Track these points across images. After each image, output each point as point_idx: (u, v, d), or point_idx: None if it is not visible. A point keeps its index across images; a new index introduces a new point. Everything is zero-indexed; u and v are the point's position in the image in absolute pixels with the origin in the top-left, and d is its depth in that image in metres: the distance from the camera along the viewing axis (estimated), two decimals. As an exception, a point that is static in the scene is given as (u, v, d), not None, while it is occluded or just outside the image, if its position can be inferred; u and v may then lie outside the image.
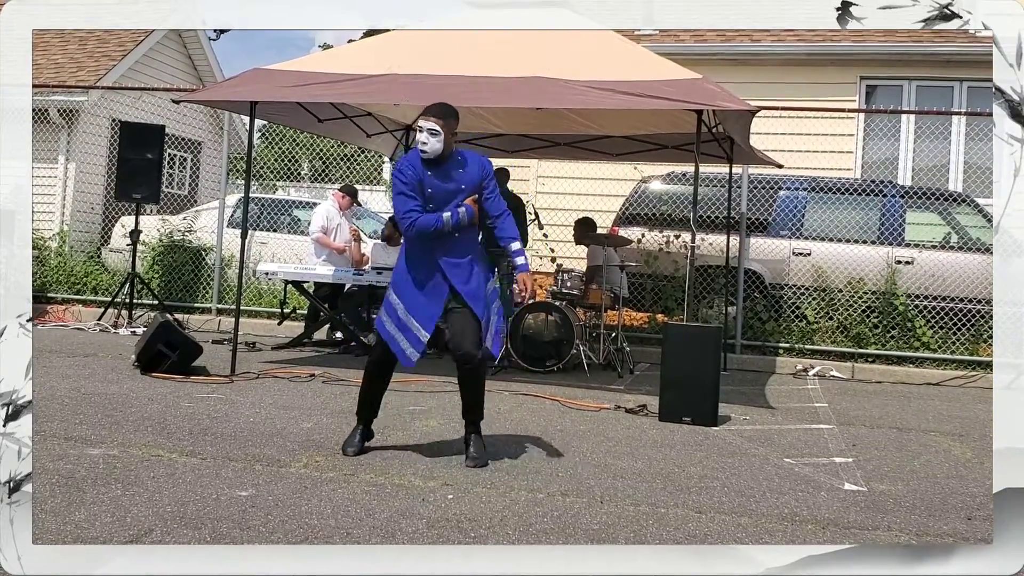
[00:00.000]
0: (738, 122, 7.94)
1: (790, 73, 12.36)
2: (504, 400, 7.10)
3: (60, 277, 12.31)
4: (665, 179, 10.99)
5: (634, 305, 10.72)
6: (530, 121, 10.09)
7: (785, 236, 10.40)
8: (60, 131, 14.04)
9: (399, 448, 5.25)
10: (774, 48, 12.54)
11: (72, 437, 5.04)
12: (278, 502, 4.05)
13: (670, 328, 7.16)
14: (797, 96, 11.50)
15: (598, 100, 7.32)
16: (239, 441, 5.19)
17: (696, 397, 6.53)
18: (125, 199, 11.24)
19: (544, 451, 5.36)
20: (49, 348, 8.74)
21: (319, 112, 9.33)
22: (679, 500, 4.46)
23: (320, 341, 10.21)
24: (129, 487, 4.13)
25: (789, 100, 11.08)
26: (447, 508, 4.10)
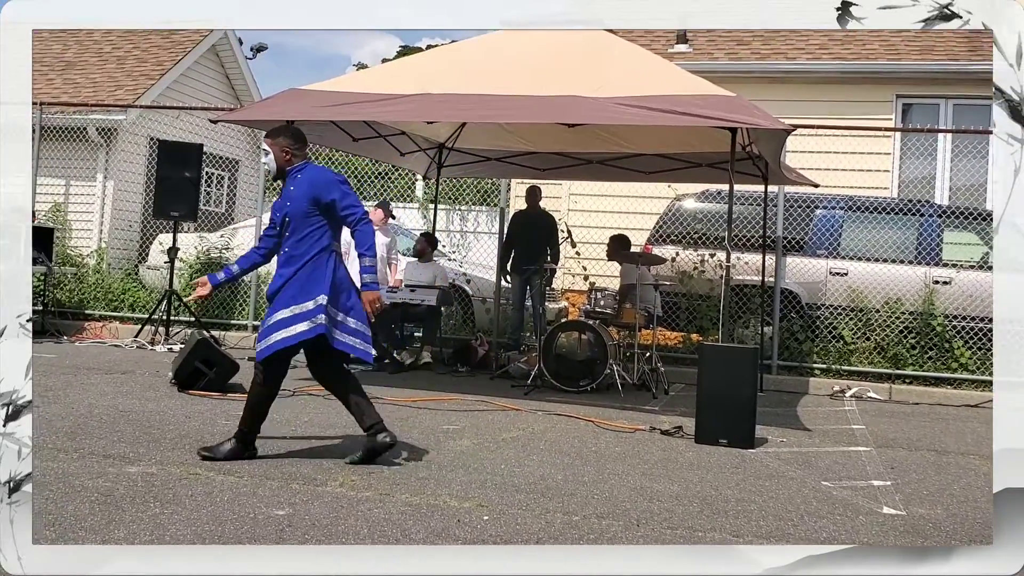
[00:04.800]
0: (772, 141, 7.90)
1: (825, 91, 12.30)
2: (538, 420, 7.08)
3: (98, 294, 12.44)
4: (699, 197, 10.95)
5: (668, 324, 10.67)
6: (562, 140, 10.11)
7: (821, 256, 10.31)
8: (99, 149, 14.25)
9: (433, 468, 5.25)
10: (809, 66, 12.48)
11: (111, 455, 5.08)
12: (315, 522, 4.06)
13: (706, 348, 7.11)
14: (833, 115, 11.43)
15: (630, 117, 7.31)
16: (275, 459, 5.21)
17: (732, 418, 6.47)
18: (163, 217, 11.36)
19: (579, 473, 5.34)
20: (87, 365, 8.84)
21: (353, 131, 9.41)
22: (716, 524, 4.42)
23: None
24: (167, 505, 4.16)
25: (825, 119, 11.01)
26: (483, 530, 4.09)
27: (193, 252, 12.23)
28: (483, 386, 8.78)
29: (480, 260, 12.88)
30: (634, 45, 8.69)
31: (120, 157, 14.27)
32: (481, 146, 10.92)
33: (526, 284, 10.73)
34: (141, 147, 14.47)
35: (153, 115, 14.43)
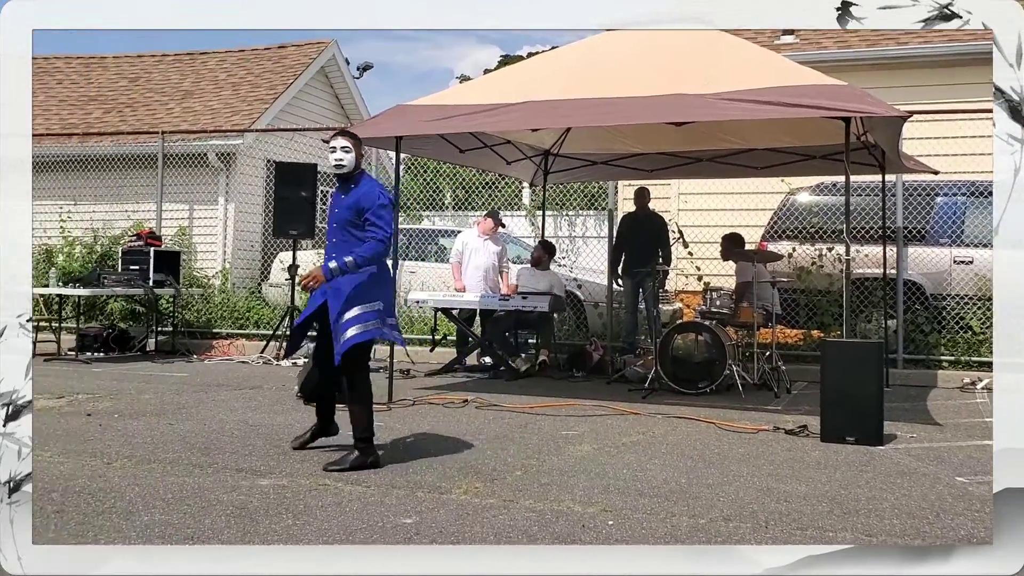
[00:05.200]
0: (888, 129, 7.67)
1: (941, 75, 11.84)
2: (658, 424, 7.03)
3: (224, 313, 12.90)
4: (814, 190, 10.70)
5: (787, 322, 10.45)
6: (669, 139, 10.02)
7: (945, 244, 9.95)
8: (219, 174, 14.79)
9: (555, 473, 5.26)
10: (923, 50, 12.05)
11: (243, 468, 5.26)
12: (442, 529, 4.12)
13: (829, 345, 6.93)
14: (950, 98, 11.00)
15: (740, 112, 7.20)
16: (400, 468, 5.30)
17: (859, 415, 6.30)
18: (282, 235, 11.72)
19: (703, 475, 5.27)
20: (217, 382, 9.17)
21: (460, 143, 9.52)
22: (847, 524, 4.31)
23: (471, 367, 10.36)
24: (299, 517, 4.28)
25: (941, 103, 10.62)
26: (608, 534, 4.08)
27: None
28: (600, 391, 8.76)
29: (590, 265, 12.86)
30: (739, 39, 8.54)
31: (239, 180, 14.78)
32: (587, 150, 10.91)
33: (638, 287, 10.66)
34: (259, 169, 14.96)
35: (269, 138, 14.91)
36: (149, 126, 14.96)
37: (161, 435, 6.21)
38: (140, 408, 7.38)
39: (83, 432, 6.28)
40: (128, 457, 5.50)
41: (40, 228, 14.92)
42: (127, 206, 14.45)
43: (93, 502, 4.44)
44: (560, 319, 11.14)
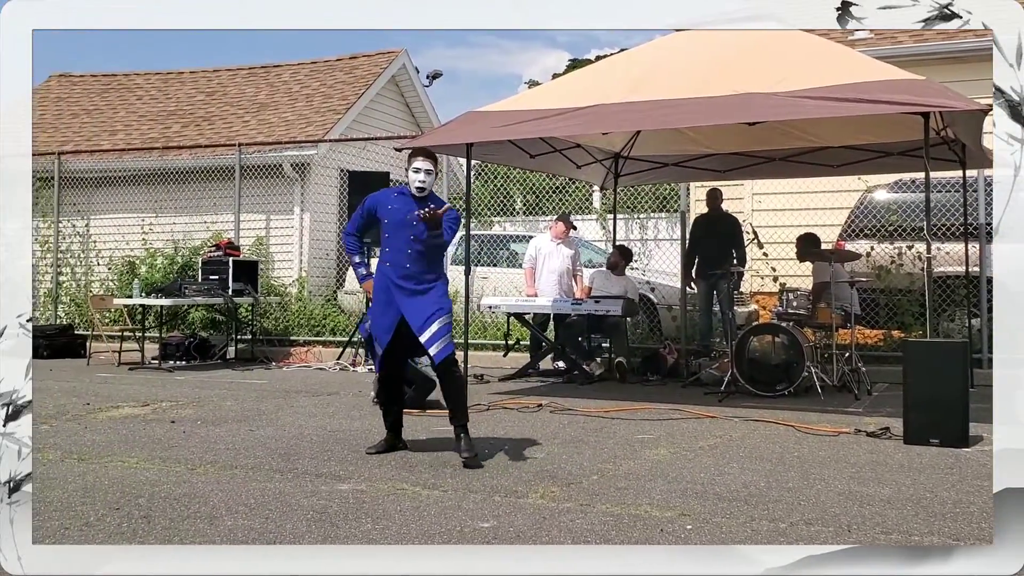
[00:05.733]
0: (969, 123, 7.48)
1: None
2: (735, 427, 6.94)
3: (301, 321, 13.12)
4: (892, 188, 10.47)
5: (867, 322, 10.24)
6: (741, 139, 9.90)
7: (1031, 240, 9.64)
8: (294, 184, 15.03)
9: (631, 478, 5.23)
10: (1004, 40, 11.70)
11: (322, 474, 5.33)
12: (519, 533, 4.12)
13: (911, 345, 6.77)
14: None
15: (814, 109, 7.10)
16: (477, 472, 5.33)
17: (944, 417, 6.15)
18: (356, 244, 11.84)
19: (783, 479, 5.19)
20: (295, 388, 9.33)
21: (530, 148, 9.53)
22: (933, 528, 4.20)
23: (545, 371, 10.36)
24: (379, 521, 4.32)
25: None
26: (687, 539, 4.04)
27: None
28: (675, 394, 8.69)
29: (663, 267, 12.77)
30: (812, 35, 8.41)
31: (314, 190, 15.01)
32: (657, 152, 10.83)
33: (712, 289, 10.55)
34: (333, 179, 15.18)
35: (342, 147, 15.11)
36: (226, 139, 15.29)
37: (242, 441, 6.33)
38: (222, 415, 7.54)
39: (167, 439, 6.44)
40: (211, 463, 5.62)
41: (123, 240, 15.36)
42: (206, 217, 14.79)
43: (179, 507, 4.55)
44: (633, 323, 11.08)
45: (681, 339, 10.51)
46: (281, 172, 14.78)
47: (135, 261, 14.76)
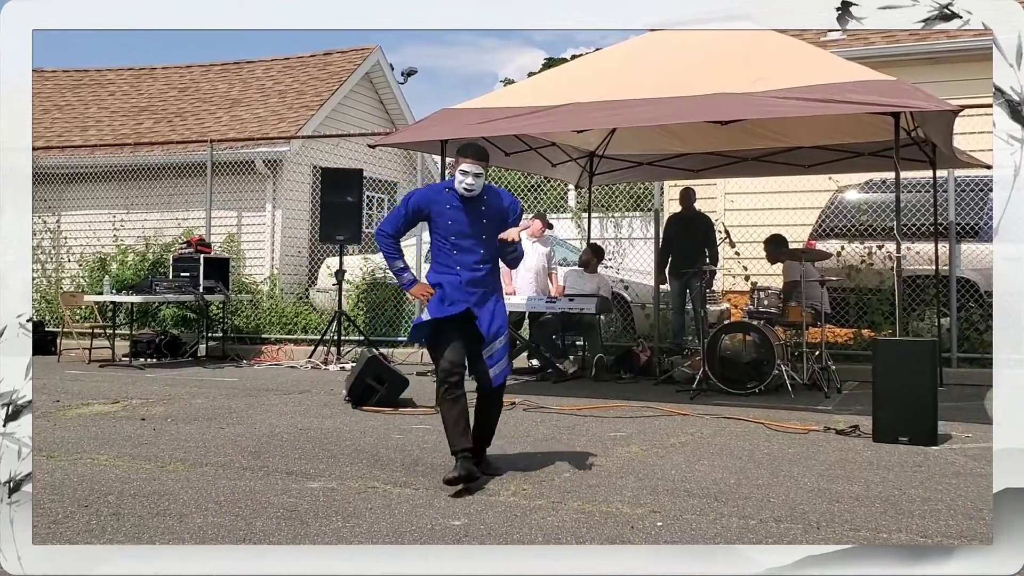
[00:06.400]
0: (939, 123, 7.55)
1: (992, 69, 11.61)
2: (706, 424, 6.97)
3: (273, 318, 13.05)
4: (863, 188, 10.56)
5: (837, 321, 10.32)
6: (715, 138, 9.94)
7: (1000, 240, 9.75)
8: (266, 181, 14.95)
9: (603, 475, 5.24)
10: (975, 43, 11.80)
11: (293, 472, 5.31)
12: (490, 531, 4.12)
13: (880, 343, 6.82)
14: (1003, 91, 10.78)
15: (786, 109, 7.14)
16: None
17: (913, 415, 6.20)
18: (329, 241, 11.81)
19: (752, 476, 5.22)
20: (266, 387, 9.28)
21: (505, 146, 9.53)
22: (902, 525, 4.24)
23: (519, 369, 10.36)
24: (349, 519, 4.31)
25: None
26: (657, 536, 4.06)
27: (359, 273, 12.66)
28: (647, 392, 8.72)
29: (637, 266, 12.80)
30: (785, 36, 8.46)
31: (286, 187, 14.93)
32: (632, 151, 10.87)
33: (685, 287, 10.60)
34: (305, 176, 15.11)
35: (315, 144, 15.05)
36: (198, 135, 15.18)
37: (213, 439, 6.29)
38: (192, 413, 7.48)
39: (137, 436, 6.38)
40: (181, 461, 5.58)
41: (95, 237, 15.21)
42: (177, 214, 14.68)
43: (148, 504, 4.51)
44: (607, 321, 11.10)
45: (654, 337, 10.55)
46: (253, 169, 14.69)
47: (106, 258, 14.62)
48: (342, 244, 11.61)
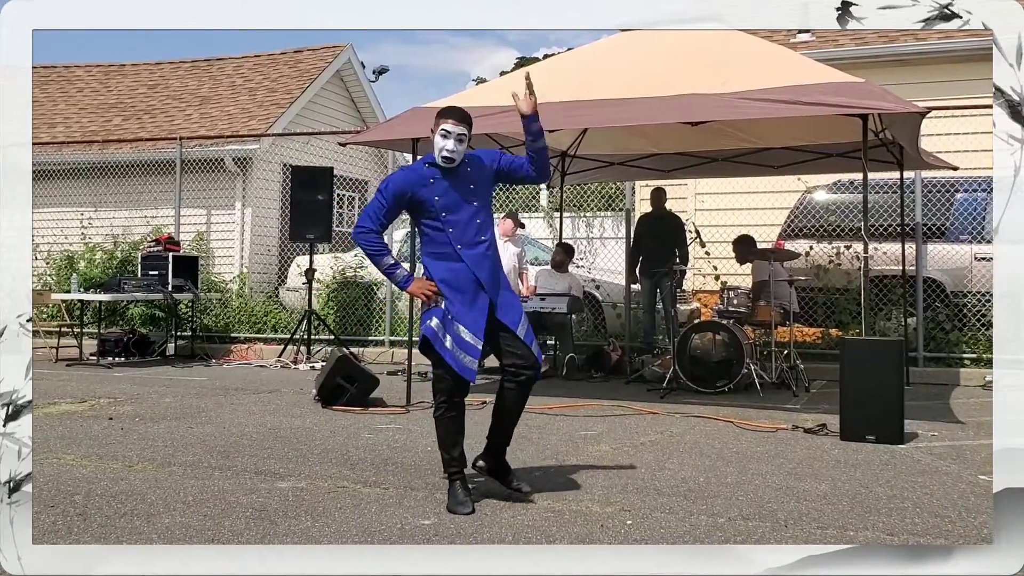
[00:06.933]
0: (907, 125, 7.62)
1: (960, 71, 11.73)
2: (675, 423, 7.01)
3: (242, 317, 12.97)
4: (831, 188, 10.66)
5: (805, 320, 10.41)
6: (686, 139, 9.99)
7: (965, 241, 9.88)
8: (236, 179, 14.86)
9: (573, 473, 5.26)
10: (942, 45, 11.95)
11: (262, 471, 5.28)
12: (460, 530, 4.12)
13: (848, 343, 6.89)
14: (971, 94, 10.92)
15: (755, 111, 7.18)
16: (419, 470, 5.31)
17: (879, 414, 6.27)
18: (299, 240, 11.75)
19: (721, 474, 5.26)
20: (235, 386, 9.22)
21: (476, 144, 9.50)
22: (868, 522, 4.28)
23: (490, 368, 10.35)
24: (318, 519, 4.29)
25: (962, 99, 10.54)
26: (627, 534, 4.07)
27: (329, 272, 12.61)
28: (618, 391, 8.75)
29: (608, 265, 12.85)
30: (755, 38, 8.52)
31: (256, 185, 14.85)
32: (603, 151, 10.89)
33: (656, 287, 10.64)
34: (275, 174, 15.02)
35: (285, 142, 14.97)
36: (168, 132, 15.06)
37: (181, 439, 6.24)
38: (160, 412, 7.42)
39: (105, 436, 6.33)
40: (149, 460, 5.53)
41: (62, 235, 15.04)
42: (146, 212, 14.55)
43: (115, 504, 4.47)
44: (578, 320, 11.12)
45: (625, 336, 10.58)
46: (223, 167, 14.60)
47: (73, 256, 14.47)
48: (312, 243, 11.56)
